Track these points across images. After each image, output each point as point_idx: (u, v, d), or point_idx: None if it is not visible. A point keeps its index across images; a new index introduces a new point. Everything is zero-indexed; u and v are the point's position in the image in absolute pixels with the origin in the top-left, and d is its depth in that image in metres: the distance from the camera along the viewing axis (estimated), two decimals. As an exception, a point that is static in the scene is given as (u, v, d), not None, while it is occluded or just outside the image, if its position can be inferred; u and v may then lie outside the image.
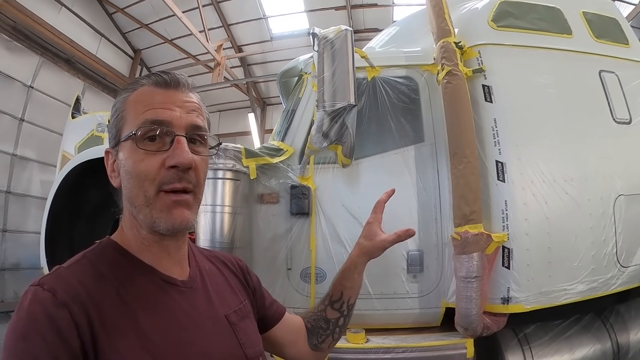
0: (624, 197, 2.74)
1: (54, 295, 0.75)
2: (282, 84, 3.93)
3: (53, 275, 0.81)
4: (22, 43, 8.22)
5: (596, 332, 2.65)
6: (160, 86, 0.91)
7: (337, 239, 2.76)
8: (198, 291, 0.96)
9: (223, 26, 11.39)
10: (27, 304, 0.75)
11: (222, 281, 1.08)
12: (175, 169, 0.85)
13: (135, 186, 0.86)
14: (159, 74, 0.93)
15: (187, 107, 0.91)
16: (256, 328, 1.10)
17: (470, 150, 2.53)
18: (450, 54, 2.68)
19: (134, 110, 0.89)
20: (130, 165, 0.86)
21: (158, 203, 0.86)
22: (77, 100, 6.04)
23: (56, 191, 3.62)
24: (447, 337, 2.54)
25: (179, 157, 0.85)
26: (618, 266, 2.65)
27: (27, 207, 8.43)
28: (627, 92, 2.99)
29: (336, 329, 1.27)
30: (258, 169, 2.78)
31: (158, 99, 0.89)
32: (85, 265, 0.85)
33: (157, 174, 0.85)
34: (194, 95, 0.95)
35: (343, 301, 1.27)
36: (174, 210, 0.86)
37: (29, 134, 8.43)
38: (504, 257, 2.47)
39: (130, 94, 0.92)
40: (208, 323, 0.92)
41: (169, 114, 0.88)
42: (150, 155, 0.85)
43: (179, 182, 0.86)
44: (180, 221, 0.87)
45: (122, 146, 0.89)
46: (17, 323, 0.73)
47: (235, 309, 1.02)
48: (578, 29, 3.06)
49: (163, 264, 0.92)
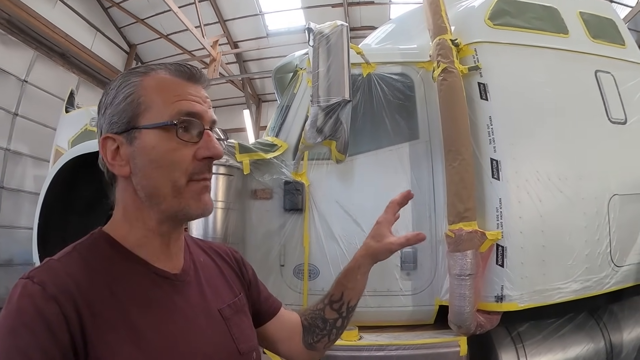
0: (619, 197, 2.74)
1: (44, 289, 0.73)
2: (277, 79, 3.92)
3: (43, 268, 0.79)
4: (17, 37, 8.12)
5: (589, 331, 2.66)
6: (188, 78, 0.92)
7: (331, 235, 2.75)
8: (191, 284, 0.95)
9: (219, 22, 11.33)
10: (16, 298, 0.73)
11: (216, 274, 1.06)
12: (206, 160, 0.89)
13: (164, 175, 0.85)
14: (185, 66, 0.93)
15: (208, 102, 0.94)
16: (251, 322, 1.08)
17: (465, 148, 2.52)
18: (446, 51, 2.68)
19: (161, 98, 0.87)
20: (159, 155, 0.85)
21: (189, 191, 0.87)
22: (71, 95, 5.97)
23: (49, 186, 3.59)
24: (441, 334, 2.54)
25: (214, 149, 0.88)
26: (612, 265, 2.66)
27: (20, 202, 8.34)
28: (622, 92, 3.00)
29: (333, 330, 1.22)
30: (252, 164, 2.76)
31: (189, 90, 0.90)
32: (75, 258, 0.83)
33: (190, 164, 0.87)
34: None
35: (343, 302, 1.21)
36: (203, 195, 0.89)
37: (22, 128, 8.33)
38: (498, 255, 2.46)
39: (144, 78, 0.89)
40: (201, 317, 0.91)
41: (201, 108, 0.90)
42: (183, 145, 0.86)
43: (208, 173, 0.90)
44: (208, 207, 0.91)
45: (142, 133, 0.86)
46: (7, 317, 0.72)
47: (229, 302, 1.00)
48: (574, 29, 3.06)
49: (157, 257, 0.90)
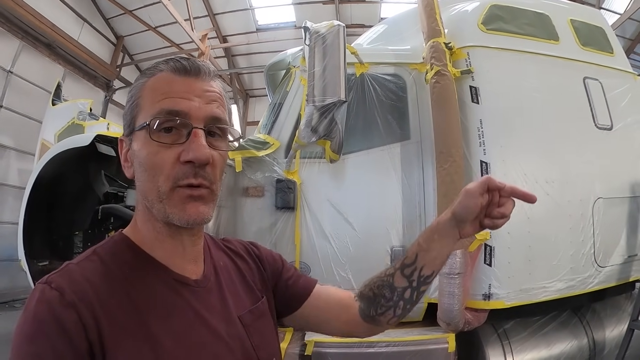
0: (603, 200, 2.82)
1: (62, 295, 0.72)
2: (269, 76, 3.91)
3: (61, 273, 0.77)
4: (2, 26, 7.95)
5: (573, 328, 2.74)
6: (179, 73, 0.85)
7: (322, 233, 2.77)
8: (212, 291, 0.92)
9: (208, 15, 11.26)
10: (34, 304, 0.72)
11: (237, 277, 1.02)
12: (191, 164, 0.80)
13: (149, 180, 0.82)
14: (178, 59, 0.86)
15: (207, 96, 0.85)
16: (272, 326, 1.04)
17: (456, 150, 2.57)
18: (439, 54, 2.71)
19: (150, 98, 0.83)
20: (143, 158, 0.82)
21: (172, 198, 0.81)
22: (58, 87, 5.89)
23: (35, 181, 3.54)
24: (429, 331, 2.59)
25: (196, 151, 0.79)
26: (595, 266, 2.74)
27: (3, 196, 8.19)
28: (609, 99, 3.09)
29: (400, 302, 1.05)
30: (244, 161, 2.77)
31: (176, 87, 0.83)
32: (95, 262, 0.81)
33: (172, 168, 0.80)
34: (215, 84, 0.89)
35: (415, 267, 1.03)
36: (188, 205, 0.81)
37: (7, 120, 8.17)
38: (485, 255, 2.52)
39: (148, 79, 0.86)
40: (221, 325, 0.88)
41: (187, 104, 0.82)
42: (164, 148, 0.80)
43: (194, 178, 0.81)
44: (195, 217, 0.82)
45: (136, 135, 0.84)
46: (24, 324, 0.71)
47: (250, 308, 0.97)
48: (565, 36, 3.13)
49: (177, 262, 0.88)
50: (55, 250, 3.85)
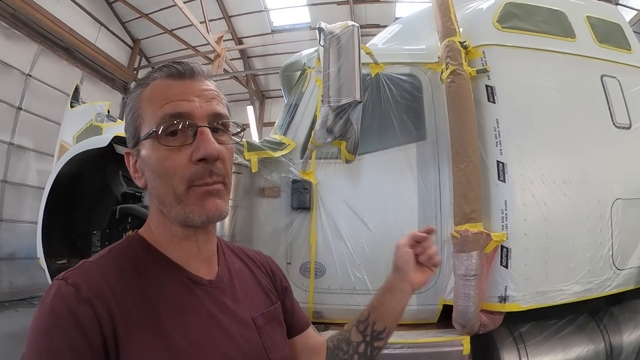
0: (621, 201, 2.77)
1: (78, 291, 0.73)
2: (285, 77, 3.93)
3: (78, 270, 0.79)
4: (21, 31, 8.13)
5: (590, 332, 2.69)
6: (175, 77, 0.87)
7: (338, 234, 2.78)
8: (225, 291, 0.93)
9: (224, 17, 11.34)
10: (50, 299, 0.73)
11: (252, 281, 1.04)
12: (203, 162, 0.81)
13: (163, 185, 0.83)
14: (171, 65, 0.88)
15: (205, 95, 0.87)
16: (284, 333, 1.05)
17: (472, 150, 2.55)
18: (454, 53, 2.70)
19: (151, 107, 0.85)
20: (154, 165, 0.83)
21: (189, 197, 0.82)
22: (76, 90, 5.97)
23: (54, 181, 3.61)
24: (444, 333, 2.57)
25: (206, 148, 0.81)
26: (613, 269, 2.69)
27: (23, 196, 8.36)
28: (627, 97, 3.02)
29: (354, 356, 1.13)
30: (260, 162, 2.79)
31: (174, 90, 0.85)
32: (110, 261, 0.83)
33: (186, 169, 0.81)
34: (210, 83, 0.91)
35: (368, 323, 1.14)
36: (207, 201, 0.83)
37: (26, 122, 8.35)
38: (502, 256, 2.50)
39: (144, 89, 0.88)
40: (233, 325, 0.89)
41: (189, 105, 0.84)
42: (174, 151, 0.82)
43: (209, 177, 0.82)
44: (214, 211, 0.83)
45: (143, 145, 0.85)
46: (40, 318, 0.72)
47: (263, 311, 0.99)
48: (582, 33, 3.08)
49: (191, 262, 0.90)
50: (73, 248, 3.92)
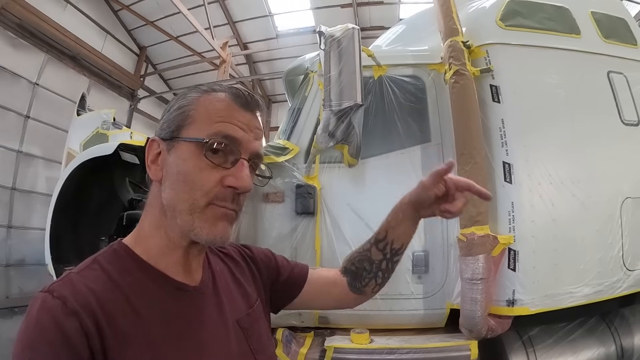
0: (631, 200, 2.71)
1: (64, 304, 0.73)
2: (288, 82, 3.92)
3: (63, 282, 0.79)
4: (28, 40, 8.23)
5: (600, 335, 2.62)
6: (240, 103, 0.90)
7: (342, 238, 2.74)
8: (210, 296, 0.94)
9: (228, 23, 11.41)
10: (35, 312, 0.73)
11: (233, 281, 1.05)
12: (231, 189, 0.85)
13: (185, 191, 0.84)
14: (243, 92, 0.92)
15: (257, 133, 0.91)
16: (268, 329, 1.09)
17: (478, 151, 2.51)
18: (457, 53, 2.66)
19: (207, 115, 0.87)
20: (187, 169, 0.84)
21: (205, 213, 0.84)
22: (83, 98, 6.07)
23: (61, 188, 3.64)
24: (452, 338, 2.52)
25: (242, 181, 0.85)
26: (624, 270, 2.63)
27: (32, 203, 8.45)
28: (635, 93, 2.96)
29: (379, 273, 1.20)
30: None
31: (236, 115, 0.88)
32: (96, 271, 0.83)
33: (213, 188, 0.84)
34: (260, 119, 0.95)
35: (387, 242, 1.19)
36: (219, 222, 0.86)
37: (34, 130, 8.44)
38: (509, 259, 2.45)
39: (205, 95, 0.90)
40: (220, 330, 0.91)
41: (243, 135, 0.87)
42: (211, 167, 0.84)
43: (231, 203, 0.86)
44: (221, 235, 0.86)
45: (180, 144, 0.87)
46: (25, 331, 0.72)
47: (247, 311, 1.01)
48: (586, 29, 3.03)
49: (178, 270, 0.90)
50: (81, 255, 3.92)
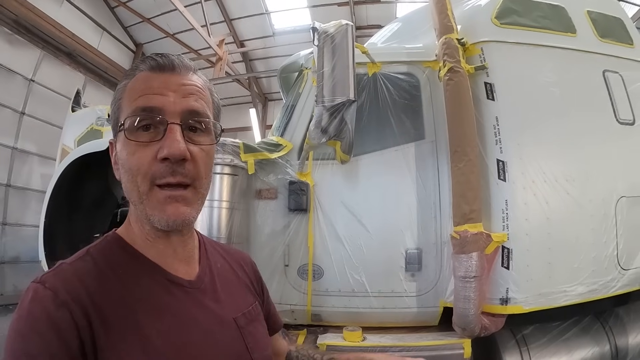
0: (626, 199, 2.70)
1: (56, 295, 0.72)
2: (283, 79, 3.91)
3: (55, 273, 0.78)
4: (24, 36, 8.20)
5: (595, 334, 2.62)
6: (155, 70, 0.84)
7: (335, 235, 2.74)
8: (206, 292, 0.92)
9: (225, 21, 11.37)
10: (27, 303, 0.73)
11: (233, 280, 1.04)
12: (167, 161, 0.78)
13: (129, 180, 0.81)
14: (153, 56, 0.85)
15: (183, 90, 0.83)
16: (266, 331, 1.06)
17: (471, 149, 2.50)
18: (452, 50, 2.65)
19: (128, 98, 0.83)
20: (124, 158, 0.81)
21: (151, 199, 0.80)
22: (77, 94, 6.01)
23: (55, 185, 3.61)
24: (445, 337, 2.52)
25: (170, 147, 0.77)
26: (618, 269, 2.62)
27: (27, 200, 8.43)
28: (630, 92, 2.96)
29: None
30: (256, 164, 2.75)
31: (152, 83, 0.82)
32: (88, 263, 0.81)
33: (149, 167, 0.79)
34: (195, 77, 0.87)
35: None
36: (168, 206, 0.80)
37: (29, 127, 8.42)
38: (503, 257, 2.44)
39: (129, 81, 0.86)
40: (215, 326, 0.88)
41: (161, 100, 0.81)
42: (142, 146, 0.79)
43: (172, 177, 0.79)
44: (174, 218, 0.80)
45: (118, 137, 0.84)
46: (17, 322, 0.71)
47: (244, 311, 0.98)
48: (582, 28, 3.02)
49: (169, 262, 0.88)
50: (75, 251, 3.90)
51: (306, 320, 2.79)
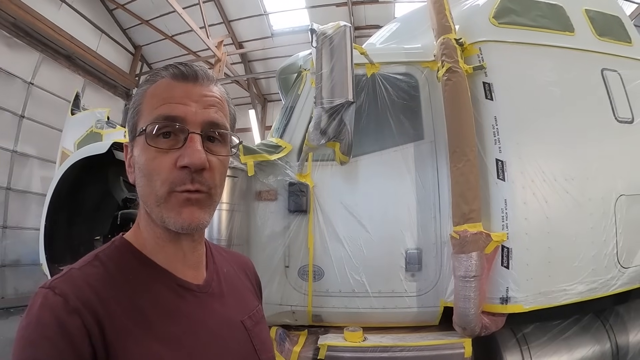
0: (625, 198, 2.71)
1: (66, 301, 0.72)
2: (281, 80, 3.90)
3: (64, 278, 0.77)
4: (22, 40, 8.20)
5: (595, 333, 2.62)
6: (178, 79, 0.86)
7: (335, 236, 2.74)
8: (214, 296, 0.93)
9: (224, 22, 11.37)
10: (36, 309, 0.72)
11: (238, 284, 1.05)
12: (187, 169, 0.80)
13: (147, 185, 0.82)
14: (177, 65, 0.87)
15: (204, 101, 0.85)
16: (268, 333, 1.08)
17: (470, 149, 2.50)
18: (450, 50, 2.65)
19: (149, 104, 0.85)
20: (142, 163, 0.82)
21: (169, 202, 0.81)
22: (77, 97, 6.00)
23: (55, 188, 3.61)
24: (445, 336, 2.52)
25: (191, 157, 0.79)
26: (618, 267, 2.63)
27: (27, 203, 8.43)
28: (629, 91, 2.96)
29: None
30: (256, 165, 2.76)
31: (174, 92, 0.84)
32: (97, 268, 0.81)
33: (169, 174, 0.80)
34: (215, 89, 0.89)
35: None
36: (184, 209, 0.81)
37: (29, 130, 8.42)
38: (503, 257, 2.44)
39: (150, 86, 0.87)
40: (224, 329, 0.90)
41: (184, 110, 0.82)
42: (162, 153, 0.81)
43: (191, 184, 0.81)
44: (189, 221, 0.82)
45: (136, 141, 0.85)
46: (27, 329, 0.70)
47: (250, 314, 0.99)
48: (580, 27, 3.03)
49: (178, 267, 0.89)
50: (76, 254, 3.91)
51: (307, 321, 2.79)
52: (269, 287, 2.69)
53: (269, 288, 2.70)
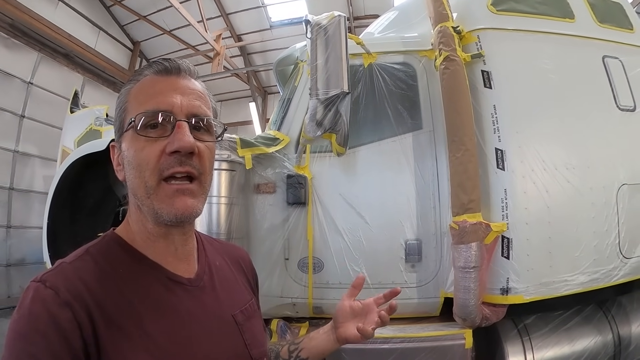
0: (627, 187, 2.67)
1: (57, 294, 0.73)
2: (279, 72, 3.88)
3: (55, 272, 0.79)
4: (20, 40, 8.19)
5: (597, 323, 2.60)
6: (161, 74, 0.88)
7: (335, 228, 2.73)
8: (205, 290, 0.94)
9: (222, 15, 11.31)
10: (28, 302, 0.73)
11: (231, 278, 1.06)
12: (176, 154, 0.82)
13: (137, 176, 0.83)
14: (160, 61, 0.90)
15: (189, 93, 0.88)
16: (262, 327, 1.09)
17: (469, 138, 2.47)
18: (448, 39, 2.61)
19: (136, 102, 0.86)
20: (131, 155, 0.84)
21: (159, 193, 0.82)
22: (75, 95, 6.00)
23: (56, 186, 3.62)
24: (446, 327, 2.51)
25: (180, 141, 0.81)
26: (620, 257, 2.60)
27: (30, 202, 8.46)
28: (631, 78, 2.91)
29: None
30: (254, 158, 2.75)
31: (160, 87, 0.86)
32: (88, 262, 0.82)
33: (158, 161, 0.82)
34: (197, 83, 0.93)
35: (297, 347, 1.23)
36: (176, 199, 0.83)
37: (30, 129, 8.43)
38: (503, 247, 2.42)
39: (134, 85, 0.90)
40: (214, 323, 0.91)
41: (170, 101, 0.84)
42: (151, 142, 0.82)
43: (180, 166, 0.82)
44: (182, 210, 0.83)
45: (124, 137, 0.86)
46: (18, 322, 0.72)
47: (242, 308, 1.00)
48: (581, 13, 2.98)
49: (169, 260, 0.90)
50: (79, 251, 3.92)
51: (308, 313, 2.79)
52: (269, 279, 2.69)
53: (270, 280, 2.69)
